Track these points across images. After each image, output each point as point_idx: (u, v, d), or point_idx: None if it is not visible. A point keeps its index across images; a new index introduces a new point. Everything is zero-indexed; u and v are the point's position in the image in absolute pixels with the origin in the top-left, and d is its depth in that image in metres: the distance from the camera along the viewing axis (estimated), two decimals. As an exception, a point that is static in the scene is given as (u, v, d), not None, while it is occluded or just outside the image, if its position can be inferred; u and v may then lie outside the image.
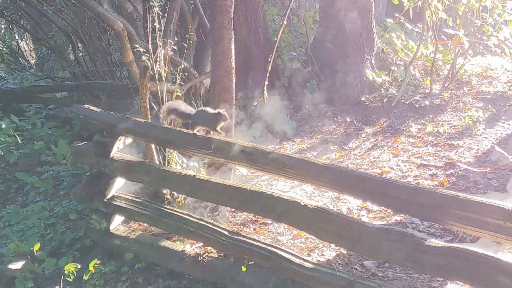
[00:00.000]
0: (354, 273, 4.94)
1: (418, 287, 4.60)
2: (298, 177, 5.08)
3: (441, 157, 7.83)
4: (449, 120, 9.12)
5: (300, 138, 9.41)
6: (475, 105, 9.61)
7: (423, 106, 9.69)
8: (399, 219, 6.17)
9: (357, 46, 10.82)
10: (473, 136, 8.46)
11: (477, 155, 7.82)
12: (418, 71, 11.23)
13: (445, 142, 8.35)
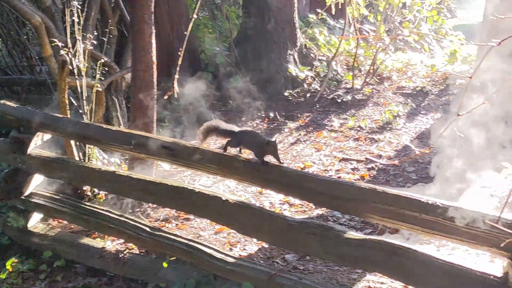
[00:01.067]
0: (275, 266, 4.94)
1: (338, 279, 4.65)
2: (220, 172, 5.06)
3: (362, 151, 7.96)
4: (370, 114, 9.29)
5: (225, 133, 9.36)
6: (395, 100, 9.82)
7: (345, 101, 9.83)
8: (321, 213, 6.23)
9: (280, 41, 10.88)
10: (393, 131, 8.65)
11: (397, 149, 7.98)
12: (341, 67, 11.38)
13: (366, 136, 8.50)
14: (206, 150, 5.09)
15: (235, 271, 4.77)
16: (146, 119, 6.70)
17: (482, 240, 3.82)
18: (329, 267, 4.97)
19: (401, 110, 9.25)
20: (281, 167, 4.72)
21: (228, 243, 5.68)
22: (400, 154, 7.82)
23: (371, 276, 4.66)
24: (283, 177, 4.66)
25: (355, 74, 10.85)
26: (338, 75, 11.00)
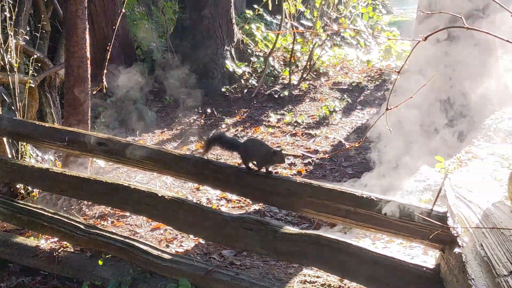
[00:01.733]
0: (212, 262, 4.91)
1: (275, 273, 4.64)
2: (156, 169, 5.03)
3: (299, 147, 7.99)
4: (307, 110, 9.34)
5: (161, 129, 9.28)
6: (332, 95, 9.90)
7: (282, 96, 9.86)
8: (258, 208, 6.22)
9: (217, 37, 10.83)
10: (330, 126, 8.71)
11: (333, 144, 8.04)
12: (278, 62, 11.40)
13: (303, 131, 8.54)
14: (141, 146, 5.02)
15: (172, 267, 4.72)
16: (80, 115, 6.55)
17: (415, 233, 3.87)
18: (266, 262, 4.97)
19: (337, 105, 9.33)
20: (215, 162, 4.68)
21: (164, 239, 5.61)
22: (336, 148, 7.88)
23: (307, 270, 4.67)
24: (220, 173, 4.64)
25: (292, 70, 10.88)
26: (275, 70, 11.02)
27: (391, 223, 3.93)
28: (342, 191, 4.11)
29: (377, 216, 3.96)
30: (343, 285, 4.29)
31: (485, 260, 2.39)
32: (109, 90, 9.03)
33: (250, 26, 11.84)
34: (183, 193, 6.64)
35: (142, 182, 6.84)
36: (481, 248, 2.51)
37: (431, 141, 5.13)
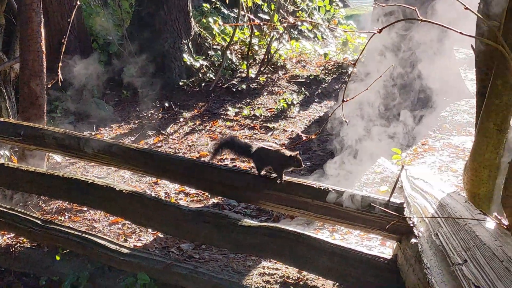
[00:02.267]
0: (171, 256, 4.89)
1: (234, 266, 4.65)
2: (114, 163, 5.00)
3: (258, 140, 7.98)
4: (265, 103, 9.34)
5: (118, 123, 9.19)
6: (289, 89, 9.92)
7: (240, 90, 9.84)
8: (217, 202, 6.22)
9: (174, 30, 10.73)
10: (288, 119, 8.74)
11: (291, 137, 8.07)
12: (235, 56, 11.37)
13: (261, 125, 8.54)
14: (98, 140, 5.00)
15: (130, 262, 4.70)
16: (36, 109, 6.47)
17: (372, 224, 3.92)
18: (225, 255, 4.97)
19: (295, 98, 9.36)
20: (174, 156, 4.67)
21: (123, 234, 5.57)
22: (294, 141, 7.90)
23: (266, 262, 4.69)
24: (178, 167, 4.63)
25: (250, 63, 10.87)
26: (233, 64, 10.99)
27: (349, 215, 3.98)
28: (300, 184, 4.14)
29: (334, 208, 4.01)
30: (301, 276, 4.32)
31: (440, 249, 2.43)
32: (66, 84, 8.90)
33: (207, 19, 11.77)
34: (141, 187, 6.59)
35: (100, 177, 6.77)
36: (436, 237, 2.55)
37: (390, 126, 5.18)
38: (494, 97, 3.02)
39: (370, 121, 5.01)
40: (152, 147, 7.90)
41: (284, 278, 4.31)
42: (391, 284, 3.84)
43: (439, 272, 2.33)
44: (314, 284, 4.25)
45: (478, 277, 1.91)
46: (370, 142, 5.15)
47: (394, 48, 6.28)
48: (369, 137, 5.39)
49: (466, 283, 1.96)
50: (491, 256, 2.00)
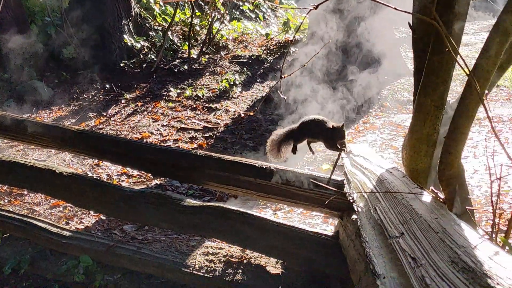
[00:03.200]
0: (113, 238, 4.85)
1: (177, 246, 4.63)
2: (54, 145, 4.93)
3: (200, 120, 7.96)
4: (207, 84, 9.31)
5: (58, 106, 9.02)
6: (232, 69, 9.90)
7: (182, 71, 9.78)
8: (159, 183, 6.18)
9: (114, 11, 10.55)
10: (231, 99, 8.73)
11: (234, 117, 8.06)
12: (177, 36, 11.27)
13: (204, 105, 8.51)
14: (37, 122, 4.91)
15: (72, 244, 4.65)
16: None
17: (314, 201, 3.96)
18: (168, 235, 4.95)
19: (237, 78, 9.35)
20: (115, 137, 4.61)
21: (64, 217, 5.50)
22: (237, 121, 7.90)
23: (210, 242, 4.70)
24: (119, 148, 4.59)
25: (192, 44, 10.80)
26: (174, 45, 10.90)
27: (291, 193, 4.01)
28: (242, 163, 4.15)
29: (277, 186, 4.03)
30: (245, 255, 4.34)
31: (378, 223, 2.47)
32: (3, 66, 8.70)
33: None
34: (82, 170, 6.50)
35: (40, 160, 6.65)
36: (375, 212, 2.59)
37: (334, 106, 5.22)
38: (431, 74, 3.06)
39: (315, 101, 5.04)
40: (93, 129, 7.78)
41: (228, 257, 4.32)
42: (334, 259, 3.89)
43: (377, 245, 2.38)
44: (257, 262, 4.27)
45: (414, 249, 1.95)
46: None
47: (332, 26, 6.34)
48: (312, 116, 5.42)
49: (403, 255, 2.00)
50: (427, 228, 2.04)
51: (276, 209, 5.65)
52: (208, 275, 4.19)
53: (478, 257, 1.66)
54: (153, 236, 4.96)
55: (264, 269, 4.21)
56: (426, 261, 1.81)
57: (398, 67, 10.05)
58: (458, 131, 2.77)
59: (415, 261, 1.87)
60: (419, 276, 1.77)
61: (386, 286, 1.96)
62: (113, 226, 5.24)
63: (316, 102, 4.78)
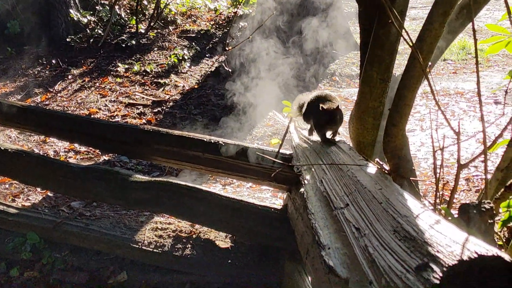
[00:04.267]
0: (61, 215, 4.78)
1: (126, 222, 4.60)
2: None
3: (149, 96, 7.88)
4: (155, 59, 9.20)
5: (3, 82, 8.80)
6: (180, 44, 9.81)
7: (130, 46, 9.64)
8: (108, 159, 6.11)
9: (59, -16, 10.32)
10: (179, 74, 8.66)
11: (183, 92, 8.01)
12: (124, 11, 11.09)
13: (153, 80, 8.42)
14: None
15: (19, 221, 4.58)
16: None
17: (263, 175, 3.97)
18: (117, 211, 4.91)
19: (186, 53, 9.27)
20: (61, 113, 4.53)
21: (10, 194, 5.40)
22: (186, 97, 7.86)
23: (159, 217, 4.68)
24: (66, 123, 4.52)
25: (139, 19, 10.64)
26: (122, 19, 10.72)
27: (240, 167, 4.01)
28: (190, 137, 4.13)
29: (225, 161, 4.02)
30: (194, 230, 4.34)
31: (324, 195, 2.48)
32: None
33: (94, -28, 11.41)
34: (29, 146, 6.38)
35: (-17, 137, 6.51)
36: (321, 184, 2.61)
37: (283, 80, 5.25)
38: (376, 47, 3.08)
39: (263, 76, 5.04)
40: (40, 105, 7.63)
41: (177, 232, 4.31)
42: (282, 233, 3.92)
43: (322, 216, 2.40)
44: (207, 236, 4.28)
45: (358, 219, 1.97)
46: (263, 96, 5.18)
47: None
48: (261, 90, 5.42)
49: (347, 226, 2.02)
50: (371, 199, 2.06)
51: (225, 183, 5.66)
52: (157, 250, 4.18)
53: (420, 226, 1.69)
54: (102, 212, 4.91)
55: (213, 244, 4.23)
56: (370, 231, 1.84)
57: (346, 41, 10.12)
58: (402, 103, 2.80)
59: (359, 231, 1.89)
60: (363, 246, 1.79)
61: (330, 256, 1.98)
62: (61, 203, 5.17)
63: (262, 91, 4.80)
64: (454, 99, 7.94)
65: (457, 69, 10.06)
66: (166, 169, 5.83)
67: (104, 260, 4.33)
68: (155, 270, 4.22)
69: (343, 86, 8.80)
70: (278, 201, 5.05)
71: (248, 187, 5.54)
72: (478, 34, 11.65)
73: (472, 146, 5.80)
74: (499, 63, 10.27)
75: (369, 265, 1.72)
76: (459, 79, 9.11)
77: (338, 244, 2.06)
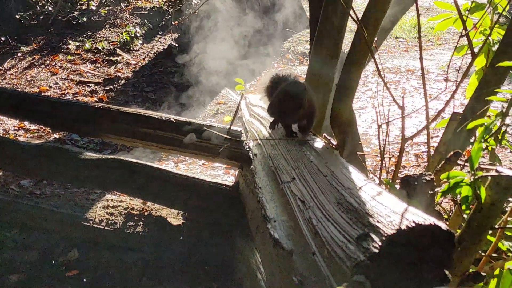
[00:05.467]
0: (10, 193, 4.72)
1: (77, 200, 4.56)
2: None
3: (101, 73, 7.79)
4: (107, 36, 9.09)
5: (-49, 61, 8.59)
6: (132, 21, 9.70)
7: (81, 23, 9.50)
8: (58, 137, 6.04)
9: (6, -40, 10.09)
10: (131, 52, 8.57)
11: (135, 70, 7.94)
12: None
13: (104, 58, 8.32)
14: None
15: (-33, 201, 4.50)
16: None
17: (215, 152, 3.97)
18: (68, 189, 4.86)
19: (138, 31, 9.19)
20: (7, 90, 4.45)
21: (-44, 174, 5.30)
22: (138, 74, 7.80)
23: (110, 195, 4.65)
24: (15, 101, 4.43)
25: (91, -5, 10.49)
26: (73, -4, 10.55)
27: (191, 144, 4.00)
28: (141, 114, 4.10)
29: (177, 138, 4.01)
30: (146, 207, 4.33)
31: (272, 169, 2.51)
32: None
33: None
34: (-24, 125, 6.27)
35: None
36: (269, 159, 2.63)
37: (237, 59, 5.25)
38: (325, 23, 3.11)
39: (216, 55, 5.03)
40: (-14, 84, 7.50)
41: (129, 210, 4.31)
42: (234, 210, 3.95)
43: (269, 190, 2.42)
44: (158, 214, 4.28)
45: (304, 193, 2.00)
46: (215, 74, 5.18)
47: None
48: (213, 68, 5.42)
49: (293, 199, 2.04)
50: (316, 172, 2.09)
51: (178, 161, 5.65)
52: (108, 228, 4.17)
53: (362, 197, 1.72)
54: (52, 190, 4.86)
55: (165, 221, 4.23)
56: (314, 204, 1.87)
57: (299, 19, 10.14)
58: (349, 79, 2.84)
59: (304, 204, 1.92)
60: (307, 218, 1.82)
61: (276, 229, 2.01)
62: (10, 181, 5.09)
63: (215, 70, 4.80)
64: (405, 76, 8.06)
65: (408, 47, 10.19)
66: (118, 147, 5.79)
67: (55, 238, 4.29)
68: (106, 248, 4.20)
69: (296, 63, 8.83)
70: (230, 178, 5.08)
71: (200, 165, 5.55)
72: (430, 12, 11.84)
73: (424, 123, 5.90)
74: (449, 41, 10.44)
75: (312, 236, 1.75)
76: (410, 57, 9.24)
77: (284, 217, 2.09)
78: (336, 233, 1.61)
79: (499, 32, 2.98)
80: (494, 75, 2.59)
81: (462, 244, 1.81)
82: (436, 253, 1.49)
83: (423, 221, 1.45)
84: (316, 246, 1.69)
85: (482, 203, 1.76)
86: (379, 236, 1.45)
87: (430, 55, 9.39)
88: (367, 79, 7.92)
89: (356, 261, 1.43)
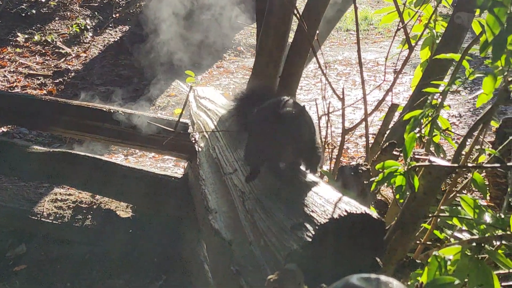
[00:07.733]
0: (-44, 188, 4.65)
1: (25, 194, 4.51)
2: None
3: (50, 66, 7.70)
4: (57, 28, 8.97)
5: None
6: (82, 13, 9.58)
7: (30, 15, 9.34)
8: (6, 130, 5.96)
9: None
10: (81, 44, 8.49)
11: (85, 63, 7.87)
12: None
13: (54, 51, 8.22)
14: None
15: None
16: None
17: (163, 145, 3.98)
18: (15, 183, 4.79)
19: (88, 23, 9.09)
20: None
21: None
22: (88, 67, 7.73)
23: (59, 189, 4.61)
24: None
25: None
26: (22, -13, 10.37)
27: (140, 137, 4.01)
28: (89, 107, 4.10)
29: (125, 131, 4.02)
30: (95, 200, 4.32)
31: (215, 161, 2.54)
32: None
33: None
34: None
35: None
36: (213, 151, 2.66)
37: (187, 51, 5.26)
38: (272, 14, 3.15)
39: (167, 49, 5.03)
40: None
41: (77, 203, 4.28)
42: (183, 202, 3.96)
43: (212, 182, 2.46)
44: (107, 207, 4.27)
45: (244, 184, 2.03)
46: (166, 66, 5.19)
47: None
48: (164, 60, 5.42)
49: (234, 190, 2.08)
50: (258, 164, 2.13)
51: (127, 153, 5.63)
52: (57, 222, 4.14)
53: (299, 188, 1.77)
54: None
55: (114, 214, 4.22)
56: (253, 195, 1.91)
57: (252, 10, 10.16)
58: (292, 69, 2.88)
59: (243, 195, 1.96)
60: (246, 209, 1.86)
61: (216, 220, 2.04)
62: None
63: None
64: (355, 68, 8.15)
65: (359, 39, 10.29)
66: (67, 140, 5.74)
67: (2, 232, 4.24)
68: (55, 242, 4.18)
69: (247, 56, 8.86)
70: (180, 170, 5.08)
71: (151, 157, 5.54)
72: (381, 4, 11.99)
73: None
74: (399, 34, 10.57)
75: (251, 227, 1.79)
76: (361, 49, 9.34)
77: (224, 208, 2.13)
78: (273, 224, 1.66)
79: (443, 25, 3.06)
80: (437, 67, 2.67)
81: (396, 232, 1.87)
82: (369, 240, 1.54)
83: (355, 210, 1.50)
84: (254, 236, 1.73)
85: (415, 192, 1.81)
86: (312, 225, 1.49)
87: (380, 47, 9.52)
88: (317, 71, 7.99)
89: (289, 250, 1.48)
